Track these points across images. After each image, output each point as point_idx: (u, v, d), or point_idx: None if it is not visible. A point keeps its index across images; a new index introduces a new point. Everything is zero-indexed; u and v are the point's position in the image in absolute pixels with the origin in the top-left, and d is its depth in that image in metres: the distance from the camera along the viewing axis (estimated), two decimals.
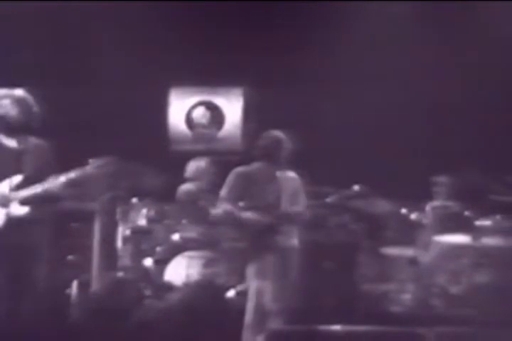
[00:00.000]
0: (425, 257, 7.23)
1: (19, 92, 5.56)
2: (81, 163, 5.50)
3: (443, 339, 5.38)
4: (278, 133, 6.18)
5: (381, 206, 7.36)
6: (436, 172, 7.53)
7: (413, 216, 7.49)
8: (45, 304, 6.72)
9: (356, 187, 6.43)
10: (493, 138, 8.28)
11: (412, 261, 7.22)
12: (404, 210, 7.53)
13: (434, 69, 8.24)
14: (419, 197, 7.58)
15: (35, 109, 5.55)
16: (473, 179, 7.30)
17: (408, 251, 7.33)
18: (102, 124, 8.40)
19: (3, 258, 5.38)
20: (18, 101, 5.49)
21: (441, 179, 7.56)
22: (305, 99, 8.47)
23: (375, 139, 8.43)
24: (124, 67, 8.19)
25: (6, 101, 5.49)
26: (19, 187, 5.41)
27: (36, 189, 5.39)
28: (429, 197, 7.63)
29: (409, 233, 7.45)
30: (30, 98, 5.56)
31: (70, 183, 5.45)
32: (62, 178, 5.40)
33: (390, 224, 7.52)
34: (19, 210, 5.40)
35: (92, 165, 5.47)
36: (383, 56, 8.21)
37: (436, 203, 7.55)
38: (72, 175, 5.42)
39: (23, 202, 5.39)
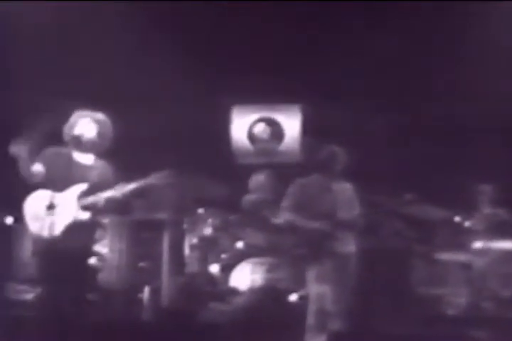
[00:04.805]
0: (478, 262, 7.33)
1: (99, 116, 5.76)
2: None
3: None
4: (334, 147, 6.34)
5: (434, 213, 7.38)
6: (483, 181, 7.59)
7: (466, 223, 7.54)
8: (119, 308, 7.13)
9: (409, 195, 6.49)
10: None
11: (465, 266, 7.33)
12: (457, 218, 7.57)
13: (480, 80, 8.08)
14: (471, 205, 7.64)
15: (110, 132, 5.77)
16: None
17: (461, 257, 7.41)
18: (172, 140, 8.57)
19: (65, 259, 5.49)
20: (98, 124, 5.71)
21: (487, 188, 7.64)
22: (357, 114, 8.54)
23: (431, 149, 8.45)
24: (192, 88, 8.33)
25: (87, 122, 5.70)
26: (84, 195, 5.58)
27: (100, 196, 5.57)
28: (480, 205, 7.68)
29: (461, 239, 7.50)
30: (108, 122, 5.77)
31: (133, 193, 5.61)
32: (126, 188, 5.58)
33: (443, 230, 7.56)
34: (82, 215, 5.57)
35: (154, 177, 5.63)
36: (434, 71, 8.26)
37: (486, 211, 7.61)
38: (134, 185, 5.59)
39: (87, 207, 5.57)
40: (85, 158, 5.75)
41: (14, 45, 7.90)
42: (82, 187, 5.61)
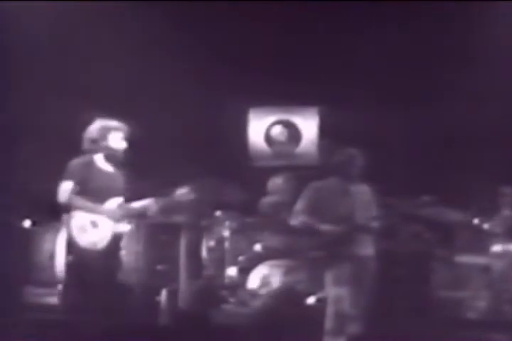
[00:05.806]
0: (497, 265, 7.26)
1: (125, 128, 5.85)
2: (170, 178, 5.84)
3: None
4: (351, 150, 6.33)
5: (452, 215, 7.30)
6: (502, 183, 7.48)
7: (486, 225, 7.44)
8: (137, 310, 7.14)
9: (427, 197, 6.46)
10: None
11: (485, 269, 7.28)
12: (476, 220, 7.45)
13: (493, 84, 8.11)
14: (490, 207, 7.53)
15: (133, 141, 5.88)
16: None
17: (481, 260, 7.36)
18: (189, 142, 8.62)
19: (102, 267, 5.68)
20: (126, 138, 5.83)
21: (507, 190, 7.52)
22: (374, 116, 8.52)
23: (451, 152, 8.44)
24: (208, 91, 8.46)
25: (118, 136, 5.80)
26: (122, 206, 5.74)
27: (137, 208, 5.75)
28: (500, 207, 7.56)
29: (481, 242, 7.43)
30: (128, 130, 5.87)
31: (162, 208, 5.84)
32: (155, 205, 5.77)
33: (462, 233, 7.51)
34: (122, 227, 5.76)
35: (179, 193, 5.76)
36: (453, 72, 8.21)
37: (506, 213, 7.51)
38: (163, 201, 5.79)
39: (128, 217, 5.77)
40: (109, 168, 5.84)
41: (14, 45, 7.93)
42: (120, 199, 5.73)
